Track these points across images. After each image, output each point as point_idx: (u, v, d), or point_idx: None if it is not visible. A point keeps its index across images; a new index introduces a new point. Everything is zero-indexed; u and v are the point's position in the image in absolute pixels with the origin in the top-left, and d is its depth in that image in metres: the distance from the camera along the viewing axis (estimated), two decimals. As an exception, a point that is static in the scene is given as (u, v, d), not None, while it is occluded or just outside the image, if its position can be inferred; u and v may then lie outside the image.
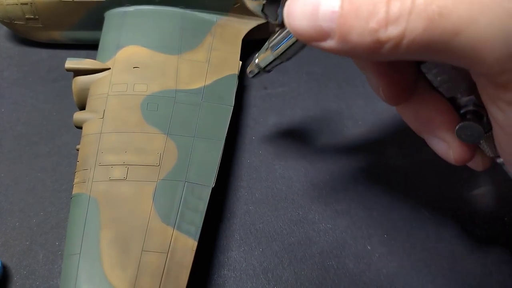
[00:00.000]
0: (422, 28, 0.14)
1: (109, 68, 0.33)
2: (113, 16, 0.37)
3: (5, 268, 0.29)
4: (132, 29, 0.36)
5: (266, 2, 0.19)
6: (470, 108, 0.20)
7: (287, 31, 0.22)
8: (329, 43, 0.16)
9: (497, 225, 0.32)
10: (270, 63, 0.25)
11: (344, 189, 0.33)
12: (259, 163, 0.35)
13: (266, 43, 0.24)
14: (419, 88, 0.21)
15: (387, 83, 0.20)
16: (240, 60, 0.36)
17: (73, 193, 0.29)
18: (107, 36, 0.36)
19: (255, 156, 0.35)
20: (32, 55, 0.42)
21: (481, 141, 0.21)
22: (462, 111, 0.20)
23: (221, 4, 0.38)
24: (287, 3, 0.16)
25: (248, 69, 0.27)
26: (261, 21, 0.39)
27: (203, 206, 0.28)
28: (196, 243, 0.27)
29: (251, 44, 0.39)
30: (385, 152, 0.36)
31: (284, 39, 0.23)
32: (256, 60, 0.26)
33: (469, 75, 0.18)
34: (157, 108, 0.32)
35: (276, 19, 0.20)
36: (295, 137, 0.36)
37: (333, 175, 0.34)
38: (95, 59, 0.34)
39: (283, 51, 0.23)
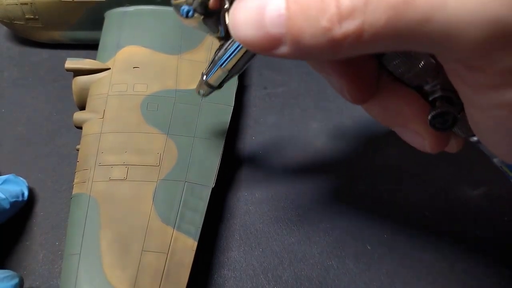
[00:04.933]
0: (385, 19, 0.13)
1: (109, 68, 0.33)
2: (113, 16, 0.37)
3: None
4: (132, 29, 0.36)
5: (203, 18, 0.17)
6: (439, 94, 0.19)
7: (230, 43, 0.20)
8: (283, 50, 0.14)
9: (497, 225, 0.32)
10: (221, 79, 0.24)
11: (344, 189, 0.33)
12: (259, 163, 0.35)
13: (212, 57, 0.23)
14: (383, 82, 0.20)
15: (350, 82, 0.19)
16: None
17: (73, 193, 0.29)
18: (107, 36, 0.36)
19: (255, 156, 0.35)
20: (32, 55, 0.42)
21: None
22: (430, 98, 0.19)
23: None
24: (231, 12, 0.15)
25: (197, 89, 0.25)
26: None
27: (203, 206, 0.28)
28: (196, 243, 0.27)
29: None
30: (385, 152, 0.36)
31: (230, 52, 0.21)
32: (204, 78, 0.24)
33: (431, 59, 0.17)
34: (157, 108, 0.32)
35: (218, 32, 0.18)
36: (295, 137, 0.36)
37: (333, 175, 0.34)
38: (95, 59, 0.34)
39: (232, 65, 0.22)
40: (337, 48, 0.14)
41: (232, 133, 0.36)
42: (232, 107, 0.33)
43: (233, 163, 0.35)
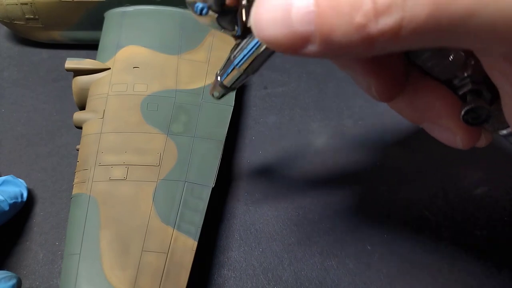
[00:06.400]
0: (425, 15, 0.12)
1: (109, 68, 0.33)
2: (113, 16, 0.37)
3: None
4: (132, 29, 0.36)
5: (218, 16, 0.17)
6: (469, 87, 0.18)
7: (247, 42, 0.20)
8: (311, 49, 0.13)
9: (497, 225, 0.32)
10: (236, 79, 0.22)
11: (344, 189, 0.33)
12: (259, 163, 0.35)
13: (227, 57, 0.22)
14: (411, 77, 0.19)
15: (379, 79, 0.18)
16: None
17: (73, 193, 0.29)
18: (107, 36, 0.36)
19: (255, 156, 0.35)
20: (32, 55, 0.42)
21: None
22: (460, 92, 0.19)
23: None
24: (253, 10, 0.14)
25: (211, 91, 0.24)
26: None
27: (203, 206, 0.28)
28: (196, 243, 0.27)
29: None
30: (385, 152, 0.36)
31: (247, 51, 0.20)
32: (219, 78, 0.23)
33: (460, 52, 0.17)
34: (157, 108, 0.32)
35: (234, 30, 0.18)
36: (295, 137, 0.36)
37: (333, 175, 0.34)
38: (95, 59, 0.34)
39: (247, 64, 0.21)
40: (371, 46, 0.13)
41: (232, 133, 0.36)
42: (232, 107, 0.33)
43: (233, 163, 0.35)
